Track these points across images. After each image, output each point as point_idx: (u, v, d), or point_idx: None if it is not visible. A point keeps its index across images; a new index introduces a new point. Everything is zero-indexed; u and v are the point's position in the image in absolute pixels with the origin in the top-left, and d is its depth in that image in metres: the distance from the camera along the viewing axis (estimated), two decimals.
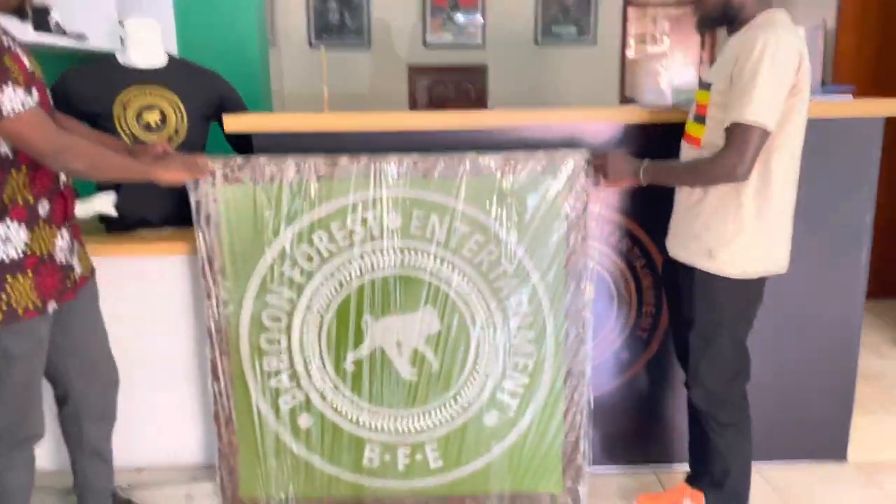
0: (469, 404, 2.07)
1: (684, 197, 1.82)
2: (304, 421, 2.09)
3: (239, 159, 1.89)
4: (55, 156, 1.52)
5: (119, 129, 2.20)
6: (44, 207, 1.61)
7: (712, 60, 6.48)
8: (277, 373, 2.05)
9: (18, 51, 1.53)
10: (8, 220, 1.54)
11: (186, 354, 2.31)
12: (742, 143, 1.60)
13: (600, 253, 2.17)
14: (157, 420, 2.34)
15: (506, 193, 1.90)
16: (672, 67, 8.13)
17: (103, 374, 1.90)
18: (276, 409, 2.08)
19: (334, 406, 2.08)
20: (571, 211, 1.90)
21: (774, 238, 1.75)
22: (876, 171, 2.17)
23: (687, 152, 1.82)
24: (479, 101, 6.79)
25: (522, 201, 1.90)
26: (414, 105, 6.67)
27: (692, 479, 2.11)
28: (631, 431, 2.36)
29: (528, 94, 6.71)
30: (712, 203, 1.73)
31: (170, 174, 1.74)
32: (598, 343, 2.23)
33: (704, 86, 1.76)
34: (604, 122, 2.10)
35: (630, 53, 7.01)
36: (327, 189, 1.91)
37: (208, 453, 2.39)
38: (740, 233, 1.71)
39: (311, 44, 5.99)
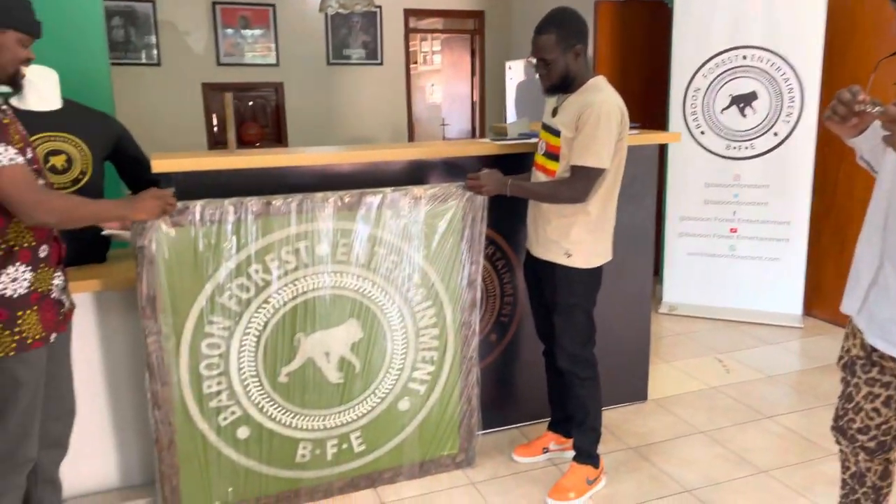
0: (386, 395, 2.49)
1: (542, 212, 2.41)
2: (243, 432, 2.33)
3: (179, 204, 2.09)
4: (27, 209, 1.65)
5: None
6: (44, 251, 1.78)
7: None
8: (217, 393, 2.27)
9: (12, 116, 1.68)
10: (17, 264, 1.71)
11: (92, 384, 2.43)
12: (586, 178, 2.23)
13: None
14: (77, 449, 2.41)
15: (416, 220, 2.34)
16: (444, 82, 9.03)
17: (67, 404, 2.02)
18: (217, 427, 2.29)
19: (270, 415, 2.36)
20: (466, 229, 2.41)
21: (607, 238, 2.42)
22: (655, 185, 2.99)
23: (541, 179, 2.41)
24: (276, 115, 7.01)
25: (428, 225, 2.36)
26: (210, 121, 6.70)
27: (553, 426, 2.76)
28: (499, 399, 2.95)
29: (324, 109, 7.11)
30: (565, 217, 2.35)
31: (144, 212, 1.93)
32: None
33: (554, 131, 2.36)
34: (476, 155, 2.66)
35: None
36: (263, 226, 2.18)
37: (137, 476, 2.54)
38: (587, 236, 2.34)
39: None
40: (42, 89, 2.30)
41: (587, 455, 2.53)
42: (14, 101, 2.28)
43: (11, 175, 1.62)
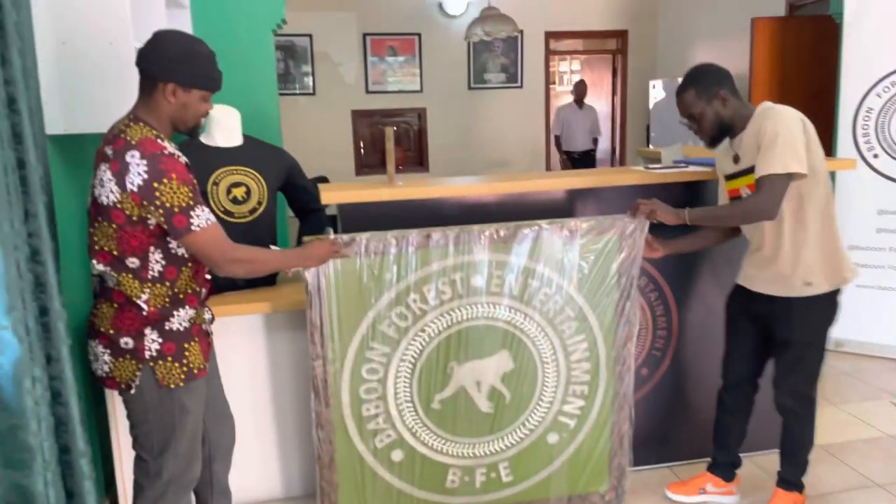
0: (535, 427, 2.48)
1: (761, 255, 2.28)
2: (397, 455, 2.41)
3: (345, 237, 2.21)
4: (221, 264, 1.82)
5: (211, 203, 2.47)
6: (203, 293, 1.96)
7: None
8: (375, 417, 2.37)
9: None
10: (186, 307, 1.87)
11: (260, 400, 2.61)
12: (769, 188, 2.10)
13: None
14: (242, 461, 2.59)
15: (570, 253, 2.33)
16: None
17: (228, 418, 2.19)
18: (373, 448, 2.39)
19: (423, 440, 2.42)
20: (623, 264, 2.36)
21: (842, 252, 2.26)
22: None
23: None
24: (419, 139, 7.25)
25: (584, 259, 2.34)
26: (358, 144, 7.03)
27: (714, 468, 2.62)
28: (649, 436, 2.85)
29: (464, 133, 7.26)
30: (789, 247, 2.20)
31: (315, 260, 2.08)
32: None
33: (745, 172, 2.23)
34: (631, 184, 2.61)
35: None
36: (422, 258, 2.26)
37: (297, 487, 2.70)
38: (819, 257, 2.20)
39: None
40: (227, 127, 2.54)
41: (793, 484, 2.45)
42: (203, 139, 2.52)
43: (209, 235, 1.78)
